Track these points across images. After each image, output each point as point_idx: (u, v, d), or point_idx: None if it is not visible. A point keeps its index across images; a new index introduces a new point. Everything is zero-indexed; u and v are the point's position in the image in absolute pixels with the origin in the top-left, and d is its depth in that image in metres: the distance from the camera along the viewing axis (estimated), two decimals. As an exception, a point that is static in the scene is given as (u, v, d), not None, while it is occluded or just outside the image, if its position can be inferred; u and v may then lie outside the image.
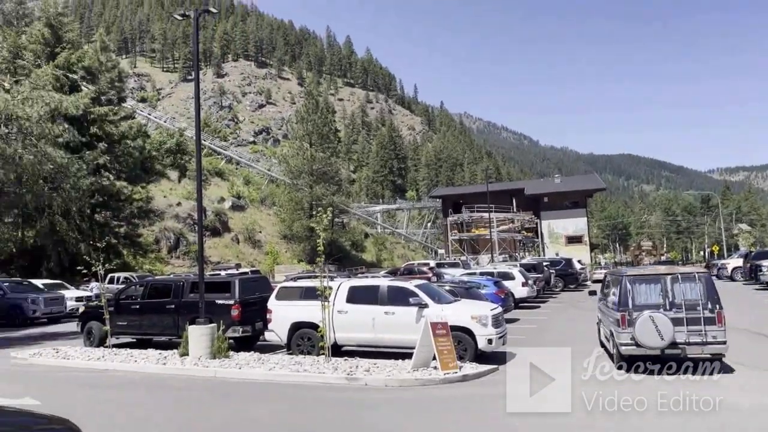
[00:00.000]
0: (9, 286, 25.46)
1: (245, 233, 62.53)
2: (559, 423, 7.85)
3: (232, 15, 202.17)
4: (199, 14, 14.95)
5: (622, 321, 10.80)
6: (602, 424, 7.79)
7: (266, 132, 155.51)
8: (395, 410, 9.17)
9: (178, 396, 10.84)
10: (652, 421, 7.84)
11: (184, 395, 10.86)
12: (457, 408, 9.20)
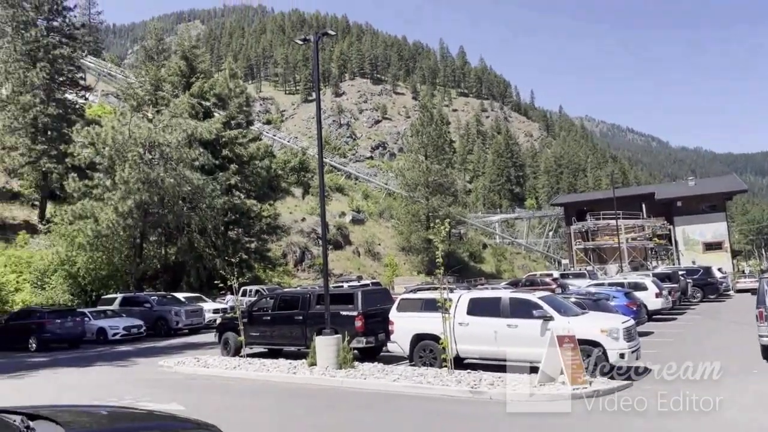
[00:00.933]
0: (155, 300, 27.80)
1: (365, 246, 63.98)
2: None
3: (348, 35, 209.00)
4: (318, 38, 15.60)
5: (760, 316, 11.94)
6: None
7: (383, 147, 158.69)
8: (522, 425, 8.92)
9: (309, 404, 11.24)
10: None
11: (315, 403, 11.24)
12: (589, 425, 8.79)
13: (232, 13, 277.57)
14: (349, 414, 10.13)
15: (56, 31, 44.11)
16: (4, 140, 42.66)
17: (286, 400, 11.61)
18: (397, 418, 9.81)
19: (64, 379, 15.61)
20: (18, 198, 43.96)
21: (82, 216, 33.27)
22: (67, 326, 22.85)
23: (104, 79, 70.01)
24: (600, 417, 9.10)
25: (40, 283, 33.54)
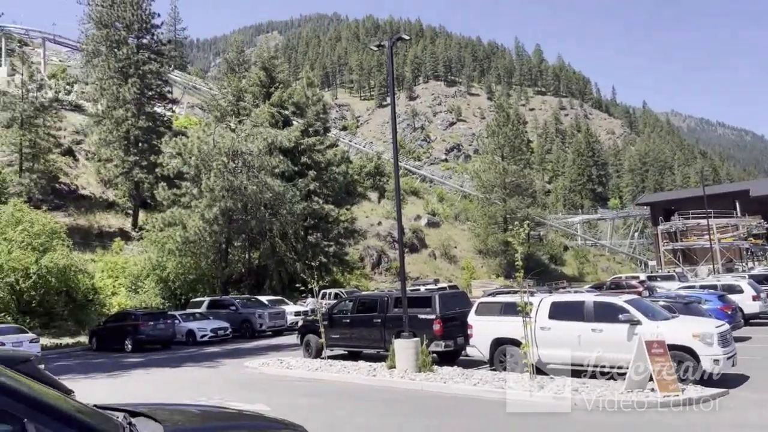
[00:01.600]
0: (240, 303, 28.81)
1: (441, 249, 63.72)
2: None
3: (421, 38, 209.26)
4: (392, 43, 15.73)
5: None
6: None
7: (457, 149, 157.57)
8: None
9: (390, 407, 11.31)
10: None
11: (396, 406, 11.30)
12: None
13: (308, 22, 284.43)
14: (431, 418, 10.12)
15: (145, 48, 46.67)
16: (100, 153, 45.53)
17: (368, 403, 11.73)
18: (481, 423, 9.71)
19: (158, 378, 16.45)
20: (113, 207, 46.73)
21: (171, 223, 34.98)
22: (159, 328, 24.06)
23: (189, 91, 73.38)
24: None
25: (134, 287, 35.51)
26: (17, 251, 27.94)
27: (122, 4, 45.96)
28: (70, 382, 13.05)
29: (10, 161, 41.23)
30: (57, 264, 29.02)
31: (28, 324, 26.84)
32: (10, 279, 27.51)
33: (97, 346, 25.20)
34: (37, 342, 21.42)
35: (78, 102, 56.58)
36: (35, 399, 2.28)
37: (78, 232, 40.42)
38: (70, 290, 31.41)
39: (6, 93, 43.32)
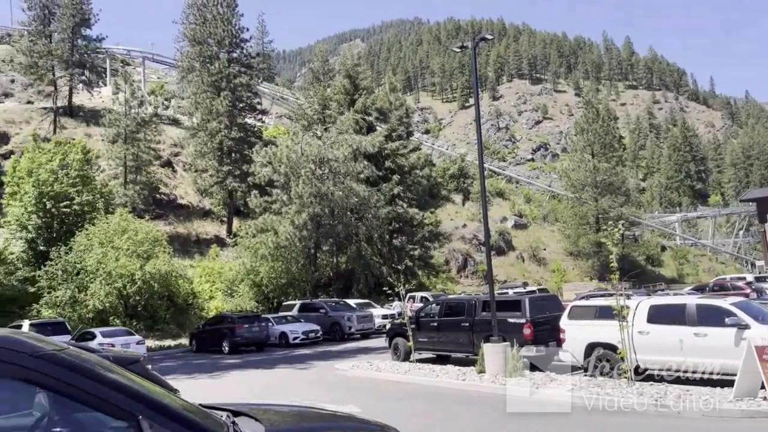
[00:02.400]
0: (330, 306, 29.41)
1: (529, 251, 62.31)
2: None
3: (504, 37, 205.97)
4: (475, 44, 15.59)
5: None
6: None
7: (544, 148, 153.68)
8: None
9: (482, 412, 11.17)
10: None
11: (488, 412, 11.14)
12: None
13: (390, 28, 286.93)
14: (526, 424, 9.90)
15: (236, 62, 48.74)
16: (196, 164, 47.96)
17: (459, 407, 11.65)
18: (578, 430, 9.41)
19: (254, 379, 17.08)
20: (209, 215, 49.05)
21: (263, 229, 36.29)
22: (254, 331, 24.98)
23: (277, 102, 75.87)
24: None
25: (230, 292, 37.08)
26: (124, 258, 29.88)
27: (213, 21, 48.25)
28: (174, 381, 13.77)
29: (115, 174, 44.19)
30: (159, 270, 30.76)
31: (135, 326, 28.64)
32: (118, 284, 29.45)
33: (196, 347, 26.50)
34: (143, 343, 22.79)
35: (175, 116, 59.87)
36: (147, 397, 2.42)
37: (177, 240, 42.72)
38: (171, 294, 33.23)
39: (111, 110, 46.53)
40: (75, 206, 33.44)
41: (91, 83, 57.18)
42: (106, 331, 22.52)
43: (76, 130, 51.71)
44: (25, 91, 57.52)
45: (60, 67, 53.24)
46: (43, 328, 21.50)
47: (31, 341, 2.31)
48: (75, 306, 29.61)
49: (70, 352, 2.38)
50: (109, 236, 30.94)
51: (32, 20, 54.41)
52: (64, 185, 33.34)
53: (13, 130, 50.25)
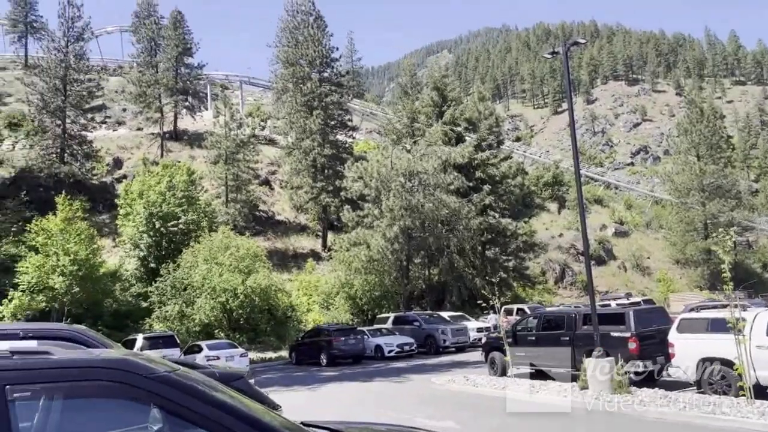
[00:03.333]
0: (424, 319, 29.36)
1: (632, 260, 59.47)
2: None
3: (597, 38, 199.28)
4: (567, 48, 15.16)
5: None
6: None
7: (644, 151, 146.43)
8: None
9: (589, 430, 10.72)
10: None
11: (595, 429, 10.68)
12: None
13: (477, 37, 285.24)
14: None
15: (327, 81, 50.14)
16: (291, 181, 49.63)
17: (563, 425, 11.24)
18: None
19: (351, 391, 17.29)
20: (305, 230, 50.53)
21: (356, 243, 36.87)
22: (350, 343, 25.36)
23: (367, 118, 77.18)
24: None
25: (326, 304, 37.91)
26: (226, 274, 31.30)
27: (305, 43, 49.96)
28: (275, 393, 14.20)
29: (218, 193, 46.51)
30: (260, 284, 31.97)
31: (237, 339, 29.89)
32: (221, 299, 30.87)
33: (296, 360, 27.25)
34: (246, 356, 23.70)
35: (271, 136, 62.33)
36: (251, 417, 2.50)
37: (276, 255, 44.27)
38: (271, 308, 34.42)
39: (212, 133, 49.12)
40: (181, 225, 35.50)
41: (194, 108, 60.73)
42: (211, 344, 23.62)
43: (181, 153, 55.00)
44: (135, 119, 61.88)
45: (165, 94, 56.95)
46: (155, 341, 22.90)
47: (147, 363, 2.45)
48: (183, 320, 31.32)
49: (181, 373, 2.51)
50: (213, 253, 32.51)
51: (140, 53, 58.75)
52: (171, 205, 35.50)
53: (125, 156, 54.18)
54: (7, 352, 2.32)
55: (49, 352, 2.41)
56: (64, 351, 2.46)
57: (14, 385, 2.17)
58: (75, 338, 6.20)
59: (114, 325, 31.28)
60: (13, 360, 2.29)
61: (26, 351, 2.39)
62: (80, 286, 29.51)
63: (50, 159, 44.51)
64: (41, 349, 2.43)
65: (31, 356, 2.36)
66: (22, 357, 2.32)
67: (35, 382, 2.21)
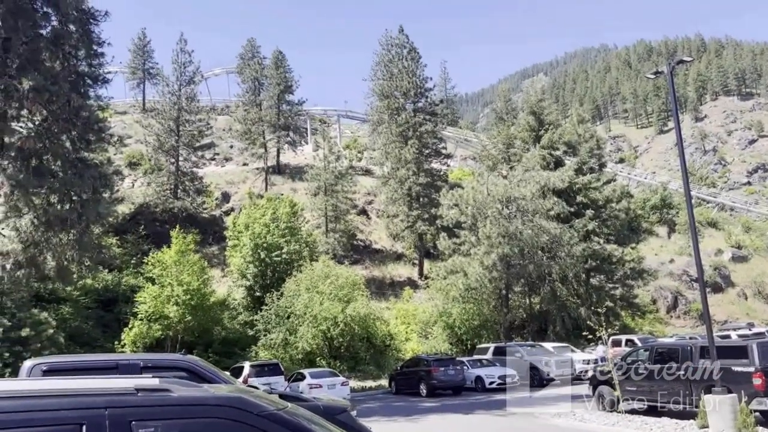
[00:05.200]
0: (526, 349, 28.51)
1: (753, 287, 55.00)
2: None
3: (704, 53, 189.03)
4: (672, 68, 14.51)
5: None
6: None
7: (762, 169, 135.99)
8: None
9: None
10: None
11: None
12: None
13: (574, 58, 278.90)
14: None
15: (421, 110, 50.74)
16: (387, 210, 50.31)
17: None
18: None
19: (452, 424, 17.02)
20: (401, 258, 50.84)
21: (453, 271, 36.61)
22: (450, 374, 25.03)
23: (461, 145, 77.11)
24: None
25: (424, 333, 37.75)
26: (327, 302, 32.00)
27: (399, 75, 50.95)
28: (375, 424, 14.27)
29: (318, 224, 47.92)
30: (359, 312, 32.40)
31: (338, 367, 30.34)
32: (322, 327, 31.56)
33: (396, 389, 27.22)
34: (347, 385, 24.00)
35: (367, 167, 63.70)
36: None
37: (373, 283, 44.78)
38: (370, 336, 34.75)
39: (313, 166, 50.90)
40: (284, 255, 36.82)
41: (295, 143, 63.32)
42: (314, 372, 24.15)
43: (284, 186, 57.34)
44: (241, 155, 65.38)
45: (269, 130, 59.84)
46: (261, 369, 23.70)
47: (258, 401, 2.57)
48: (286, 347, 32.26)
49: (289, 410, 2.61)
50: (314, 282, 33.39)
51: (245, 92, 62.29)
52: (275, 236, 36.97)
53: (232, 190, 57.20)
54: (132, 389, 2.52)
55: (170, 390, 2.59)
56: (182, 388, 2.64)
57: (139, 421, 2.35)
58: (190, 369, 6.56)
59: (223, 352, 32.73)
60: (138, 397, 2.48)
61: (149, 388, 2.58)
62: (192, 315, 31.18)
63: (165, 195, 47.78)
64: (162, 387, 2.62)
65: (153, 393, 2.55)
66: (145, 394, 2.51)
67: (157, 418, 2.39)
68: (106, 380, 2.84)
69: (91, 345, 29.28)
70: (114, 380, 2.86)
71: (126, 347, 29.39)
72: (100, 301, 33.95)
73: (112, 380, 2.86)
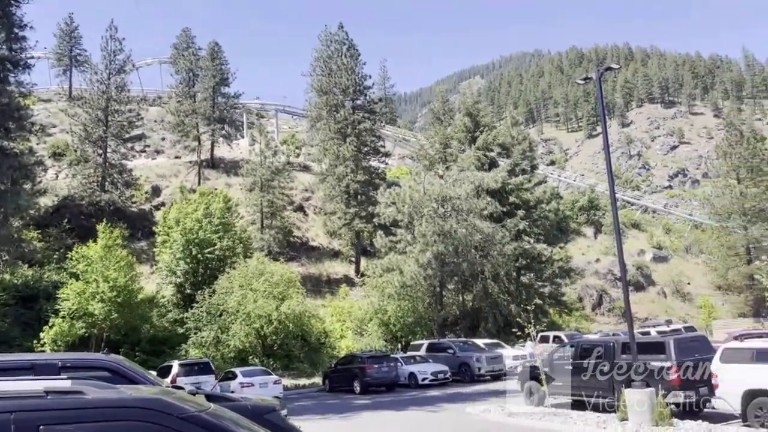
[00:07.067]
0: (458, 346, 28.98)
1: (671, 286, 58.01)
2: None
3: (631, 62, 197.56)
4: (600, 74, 15.07)
5: None
6: None
7: (682, 174, 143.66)
8: None
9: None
10: None
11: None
12: None
13: (509, 62, 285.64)
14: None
15: (360, 108, 50.72)
16: (325, 207, 50.06)
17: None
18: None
19: (385, 421, 17.12)
20: (338, 256, 50.70)
21: (389, 269, 36.81)
22: (384, 371, 25.14)
23: (400, 144, 77.61)
24: None
25: (359, 331, 37.79)
26: (261, 300, 31.50)
27: (338, 71, 50.74)
28: (308, 422, 14.18)
29: (253, 220, 47.11)
30: (294, 310, 32.06)
31: (271, 365, 29.96)
32: (256, 325, 31.07)
33: (329, 387, 27.13)
34: (279, 383, 23.72)
35: (305, 163, 63.12)
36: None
37: (309, 281, 44.45)
38: (304, 334, 34.45)
39: (248, 161, 49.99)
40: (217, 252, 36.00)
41: (230, 136, 61.97)
42: (245, 371, 23.74)
43: (218, 181, 56.05)
44: (173, 148, 63.40)
45: (203, 123, 58.28)
46: (190, 368, 23.07)
47: (178, 402, 2.47)
48: (218, 346, 31.58)
49: (212, 412, 2.53)
50: (248, 279, 32.81)
51: (179, 83, 60.42)
52: (207, 232, 36.08)
53: (163, 184, 55.45)
54: (41, 392, 2.37)
55: (83, 392, 2.45)
56: (97, 390, 2.50)
57: (48, 426, 2.21)
58: (112, 369, 6.30)
59: (151, 350, 31.71)
60: (47, 400, 2.33)
61: (60, 390, 2.43)
62: (119, 313, 30.04)
63: (91, 187, 45.80)
64: (75, 389, 2.47)
65: (65, 396, 2.40)
66: (56, 397, 2.36)
67: (69, 422, 2.25)
68: (13, 383, 2.66)
69: (8, 344, 27.73)
70: (22, 382, 2.69)
71: (46, 346, 28.01)
72: (20, 298, 32.20)
73: (20, 382, 2.68)
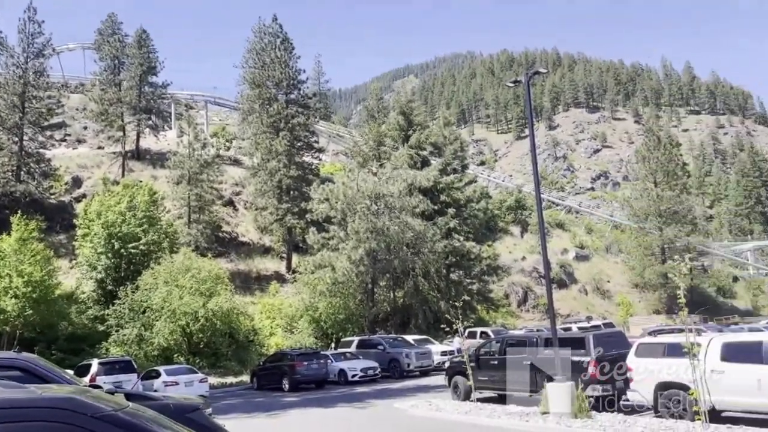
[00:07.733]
0: (388, 342, 29.21)
1: (592, 284, 60.52)
2: None
3: (559, 67, 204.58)
4: (529, 78, 15.51)
5: None
6: None
7: (604, 177, 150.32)
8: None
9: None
10: None
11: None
12: None
13: (443, 63, 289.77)
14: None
15: (293, 102, 50.15)
16: (256, 202, 49.21)
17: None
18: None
19: (313, 419, 17.04)
20: (269, 252, 49.99)
21: (321, 265, 36.63)
22: (313, 368, 25.02)
23: (334, 140, 77.33)
24: None
25: (290, 328, 37.43)
26: (187, 296, 30.65)
27: (272, 65, 49.95)
28: (234, 421, 13.93)
29: (180, 214, 45.76)
30: (221, 307, 31.36)
31: (197, 364, 29.22)
32: (181, 322, 30.20)
33: (257, 385, 26.75)
34: (205, 381, 23.15)
35: (236, 156, 61.83)
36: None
37: (239, 277, 43.62)
38: (233, 331, 33.79)
39: (176, 153, 48.48)
40: (142, 246, 34.73)
41: (157, 127, 59.88)
42: (170, 370, 23.03)
43: (143, 173, 54.08)
44: (96, 137, 60.69)
45: (128, 113, 56.08)
46: (111, 367, 22.17)
47: (93, 401, 2.37)
48: (141, 344, 30.51)
49: (129, 411, 2.44)
50: (174, 275, 31.85)
51: (103, 70, 57.80)
52: (131, 226, 34.73)
53: (85, 175, 53.01)
54: None
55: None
56: (5, 390, 2.36)
57: None
58: (24, 368, 5.98)
59: (69, 349, 30.28)
60: None
61: None
62: (34, 309, 28.50)
63: (6, 177, 43.26)
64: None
65: None
66: None
67: None
68: None
69: None
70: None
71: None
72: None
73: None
